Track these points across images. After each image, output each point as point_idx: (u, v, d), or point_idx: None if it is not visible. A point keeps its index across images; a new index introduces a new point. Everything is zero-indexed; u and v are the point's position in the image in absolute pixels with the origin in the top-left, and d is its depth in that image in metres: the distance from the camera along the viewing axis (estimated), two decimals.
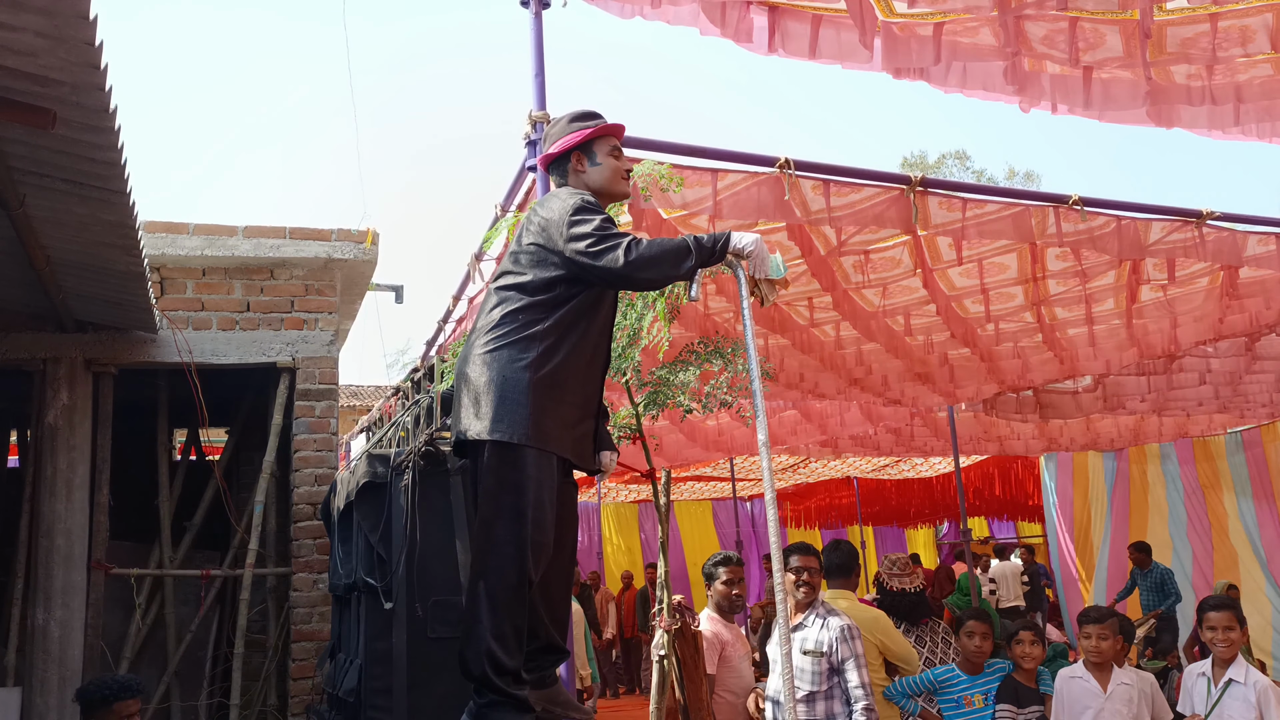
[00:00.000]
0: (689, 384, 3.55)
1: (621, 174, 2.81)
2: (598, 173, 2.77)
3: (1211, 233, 4.52)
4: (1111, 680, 4.42)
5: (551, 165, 2.81)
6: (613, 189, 2.79)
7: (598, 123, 2.79)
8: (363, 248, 5.89)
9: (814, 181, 3.83)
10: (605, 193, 2.77)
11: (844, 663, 3.97)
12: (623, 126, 2.88)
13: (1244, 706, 4.07)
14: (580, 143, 2.76)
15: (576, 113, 2.82)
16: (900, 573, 5.38)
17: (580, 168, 2.76)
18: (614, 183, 2.79)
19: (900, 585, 5.33)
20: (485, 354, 2.58)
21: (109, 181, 3.46)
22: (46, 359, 5.42)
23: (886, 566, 5.44)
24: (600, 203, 2.69)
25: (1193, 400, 7.94)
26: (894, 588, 5.33)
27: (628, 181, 2.85)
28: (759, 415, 2.53)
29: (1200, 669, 4.38)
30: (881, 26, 3.50)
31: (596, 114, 2.83)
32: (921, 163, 29.86)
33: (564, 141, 2.76)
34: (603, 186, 2.76)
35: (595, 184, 2.75)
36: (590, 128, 2.77)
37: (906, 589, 5.31)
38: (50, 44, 2.60)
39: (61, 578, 5.26)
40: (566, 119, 2.81)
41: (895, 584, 5.34)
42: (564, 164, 2.78)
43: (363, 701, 3.87)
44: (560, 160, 2.78)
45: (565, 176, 2.78)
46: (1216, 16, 3.50)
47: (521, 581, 2.49)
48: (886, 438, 10.23)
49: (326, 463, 5.88)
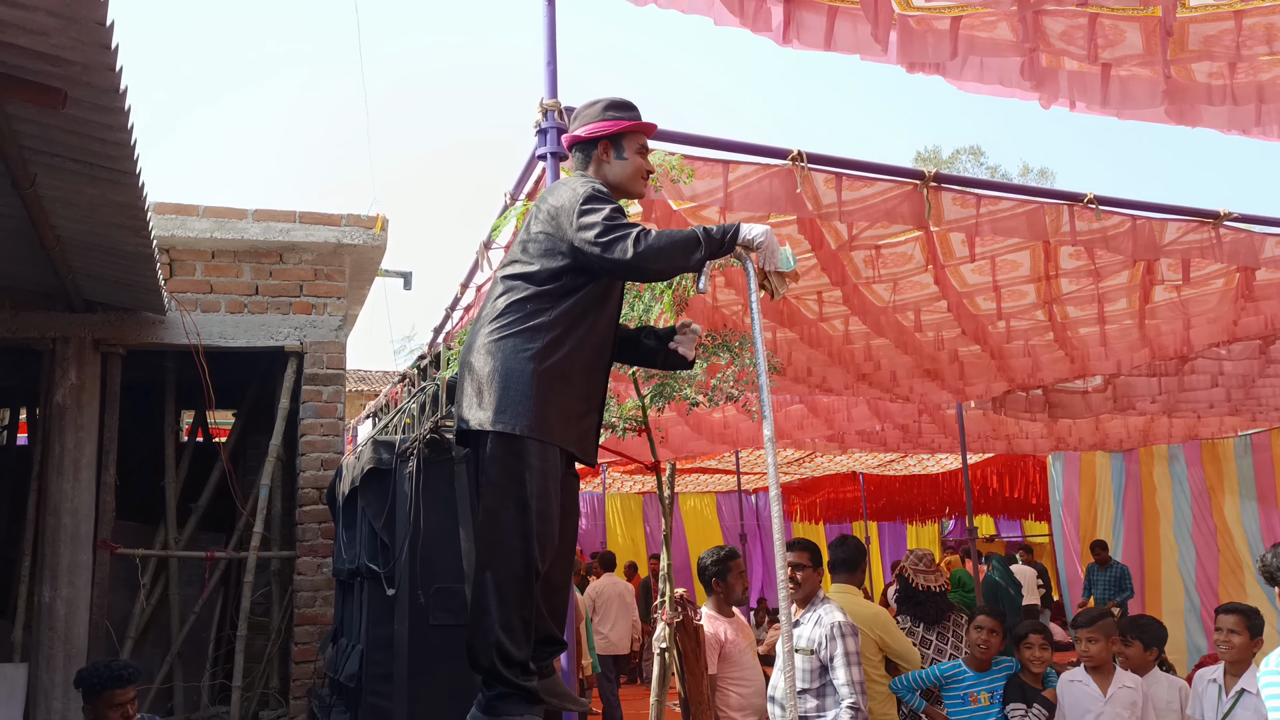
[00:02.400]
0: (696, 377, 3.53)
1: (643, 174, 2.78)
2: (621, 167, 2.73)
3: (1228, 234, 4.47)
4: (1112, 684, 4.38)
5: (574, 146, 2.77)
6: (631, 187, 2.75)
7: (633, 116, 2.75)
8: (372, 233, 5.89)
9: (826, 175, 3.79)
10: (622, 189, 2.74)
11: (832, 660, 3.94)
12: (654, 126, 2.85)
13: (1256, 719, 3.93)
14: (612, 133, 2.72)
15: (613, 100, 2.76)
16: (926, 569, 5.21)
17: (606, 157, 2.72)
18: (634, 181, 2.75)
19: (925, 583, 5.19)
20: (490, 343, 2.56)
21: (119, 162, 3.45)
22: (55, 338, 5.44)
23: (912, 561, 5.31)
24: (613, 196, 2.65)
25: (1204, 402, 7.88)
26: (919, 585, 5.20)
27: (646, 182, 2.81)
28: (765, 410, 2.51)
29: (1211, 674, 4.27)
30: (898, 20, 3.45)
31: (633, 106, 2.78)
32: (935, 157, 29.68)
33: (596, 128, 2.72)
34: (621, 182, 2.73)
35: (615, 178, 2.71)
36: (625, 121, 2.73)
37: (931, 587, 5.19)
38: (62, 23, 2.59)
39: (68, 556, 5.28)
40: (602, 105, 2.76)
41: (921, 581, 5.19)
42: (589, 149, 2.73)
43: (364, 687, 3.88)
44: (586, 145, 2.74)
45: (587, 162, 2.74)
46: (1241, 14, 3.44)
47: (528, 573, 2.48)
48: (894, 434, 10.19)
49: (332, 447, 5.89)
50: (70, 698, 5.08)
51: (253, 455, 6.58)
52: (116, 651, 5.61)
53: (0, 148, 3.35)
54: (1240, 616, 4.13)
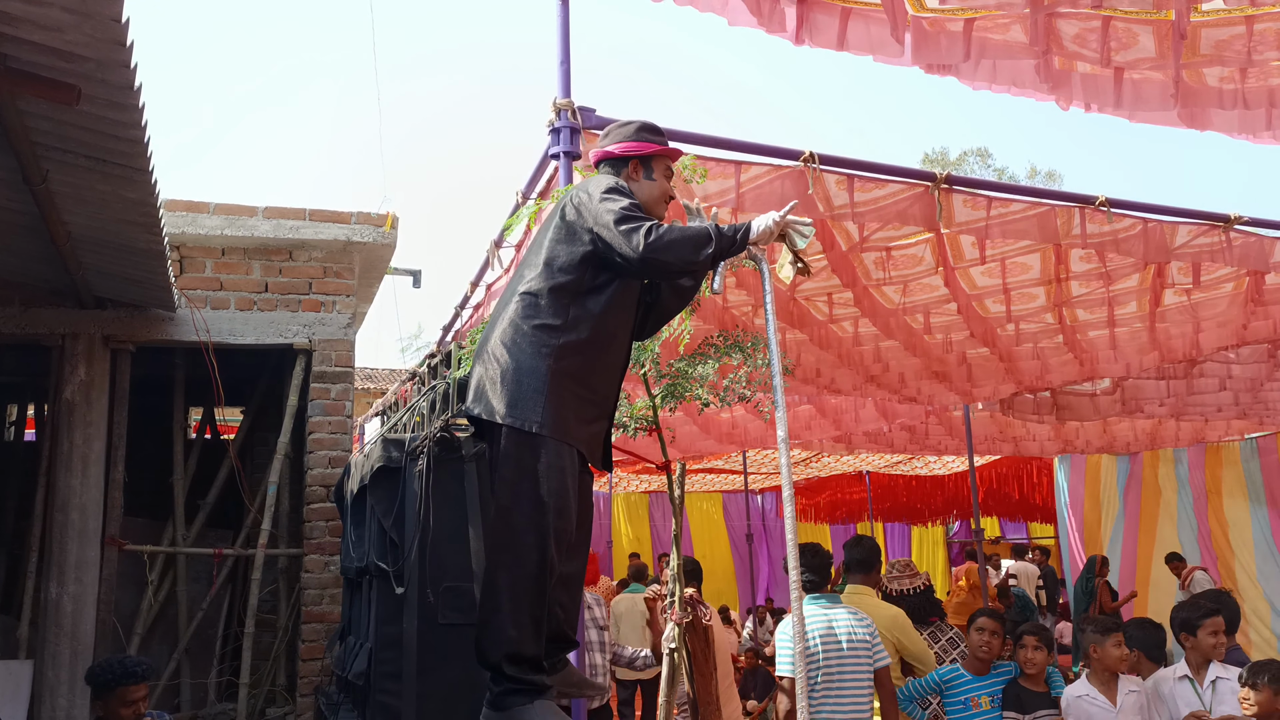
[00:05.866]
0: (707, 377, 3.52)
1: (665, 197, 2.87)
2: (649, 188, 2.82)
3: (1239, 238, 4.46)
4: (1119, 691, 4.35)
5: (604, 162, 2.85)
6: (654, 209, 2.83)
7: (663, 141, 2.87)
8: (382, 231, 5.89)
9: (838, 176, 3.78)
10: (645, 209, 2.79)
11: None
12: (681, 153, 2.99)
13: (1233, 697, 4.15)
14: (644, 154, 2.82)
15: (645, 124, 2.88)
16: (900, 574, 5.35)
17: (635, 176, 2.81)
18: (658, 203, 2.84)
19: (900, 587, 5.30)
20: (508, 336, 2.58)
21: (131, 159, 3.46)
22: (65, 334, 5.45)
23: (887, 571, 5.41)
24: None
25: (1212, 406, 7.86)
26: (894, 590, 5.31)
27: (666, 207, 2.90)
28: (779, 411, 2.51)
29: (1176, 673, 4.42)
30: (911, 21, 3.45)
31: (662, 132, 2.91)
32: (943, 159, 29.64)
33: (629, 146, 2.81)
34: (646, 202, 2.79)
35: (641, 197, 2.78)
36: (657, 144, 2.84)
37: (906, 590, 5.27)
38: (77, 19, 2.59)
39: (75, 552, 5.29)
40: (635, 126, 2.87)
41: (895, 586, 5.32)
42: (619, 168, 2.82)
43: (372, 685, 3.88)
44: (617, 162, 2.83)
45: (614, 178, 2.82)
46: (1253, 19, 3.43)
47: (542, 570, 2.49)
48: (901, 435, 10.17)
49: (340, 445, 5.90)
50: (76, 694, 5.09)
51: (261, 452, 6.59)
52: (123, 648, 5.61)
53: (13, 143, 3.35)
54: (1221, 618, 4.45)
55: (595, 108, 3.43)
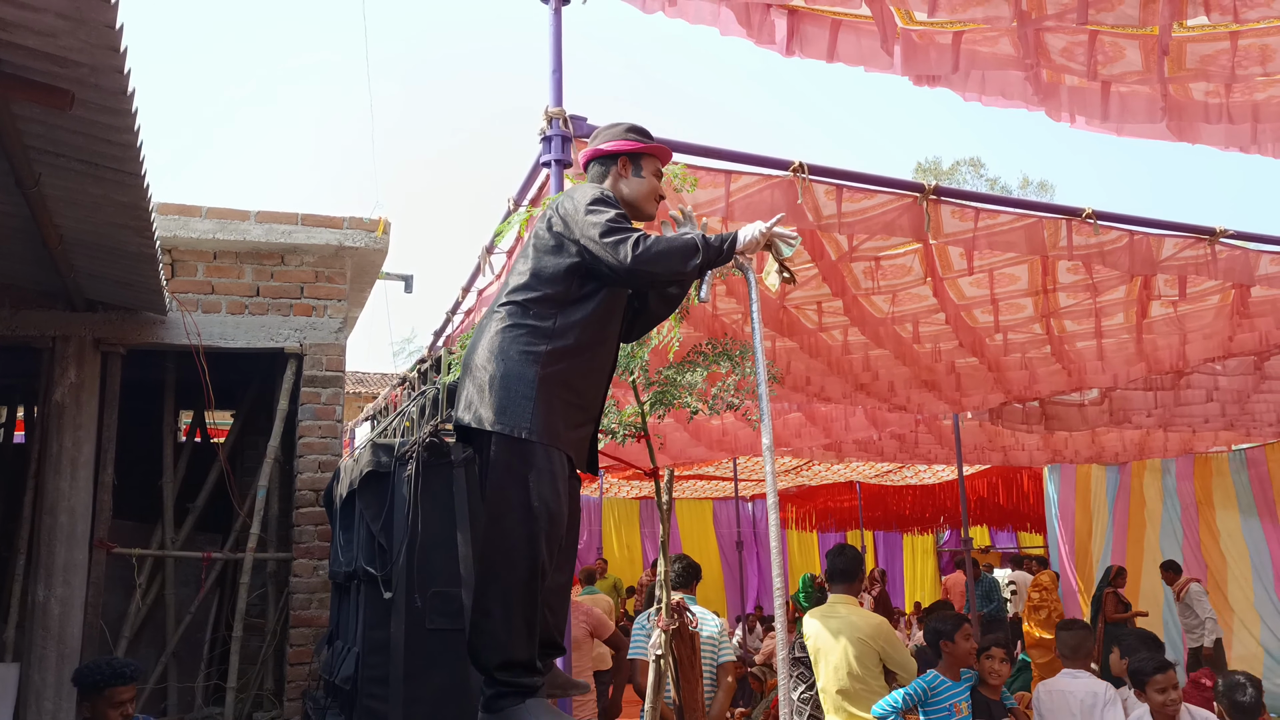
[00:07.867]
0: (696, 385, 3.54)
1: (655, 196, 2.88)
2: (637, 185, 2.84)
3: (1224, 251, 4.50)
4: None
5: (594, 160, 2.87)
6: (644, 206, 2.85)
7: (652, 142, 2.89)
8: (374, 236, 5.90)
9: (827, 186, 3.82)
10: (635, 207, 2.83)
11: None
12: (671, 154, 3.00)
13: None
14: (633, 152, 2.84)
15: (634, 125, 2.91)
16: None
17: (624, 173, 2.83)
18: (646, 201, 2.86)
19: None
20: (495, 344, 2.59)
21: (124, 163, 3.47)
22: (56, 337, 5.44)
23: None
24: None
25: (1199, 417, 7.91)
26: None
27: (657, 206, 2.91)
28: (764, 420, 2.53)
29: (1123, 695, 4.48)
30: (901, 34, 3.49)
31: (650, 134, 2.93)
32: (936, 168, 29.77)
33: (618, 145, 2.84)
34: (635, 200, 2.82)
35: (630, 194, 2.81)
36: (646, 143, 2.87)
37: None
38: (71, 25, 2.61)
39: (63, 555, 5.27)
40: (625, 126, 2.90)
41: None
42: (609, 164, 2.84)
43: (359, 690, 3.89)
44: (606, 159, 2.85)
45: (604, 176, 2.85)
46: (1237, 35, 3.47)
47: (533, 575, 2.50)
48: (890, 444, 10.22)
49: (330, 449, 5.90)
50: (62, 698, 5.07)
51: (250, 456, 6.58)
52: (111, 651, 5.59)
53: (6, 147, 3.36)
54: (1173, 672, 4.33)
55: (586, 116, 3.46)
